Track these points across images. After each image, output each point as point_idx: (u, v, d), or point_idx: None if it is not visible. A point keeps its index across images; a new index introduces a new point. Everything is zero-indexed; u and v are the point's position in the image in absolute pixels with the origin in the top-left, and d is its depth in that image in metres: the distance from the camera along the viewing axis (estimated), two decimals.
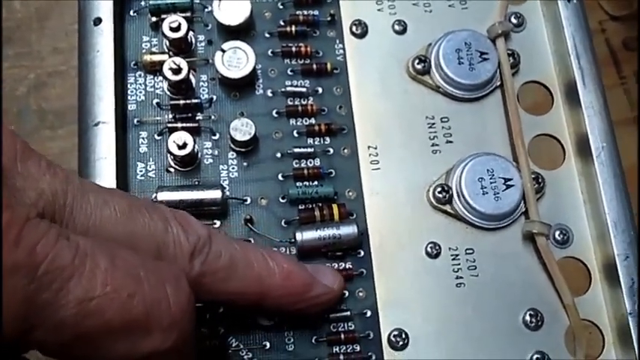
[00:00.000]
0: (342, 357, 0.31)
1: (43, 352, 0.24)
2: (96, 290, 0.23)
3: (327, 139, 0.34)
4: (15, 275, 0.21)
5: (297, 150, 0.33)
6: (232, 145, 0.33)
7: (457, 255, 0.32)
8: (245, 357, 0.31)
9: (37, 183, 0.24)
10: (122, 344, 0.24)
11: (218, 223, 0.32)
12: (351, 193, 0.33)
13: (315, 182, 0.33)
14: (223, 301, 0.29)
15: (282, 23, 0.35)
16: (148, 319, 0.24)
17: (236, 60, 0.33)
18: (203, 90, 0.34)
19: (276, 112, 0.34)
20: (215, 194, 0.31)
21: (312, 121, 0.34)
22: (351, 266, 0.32)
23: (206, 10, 0.35)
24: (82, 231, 0.24)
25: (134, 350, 0.24)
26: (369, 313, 0.32)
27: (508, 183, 0.33)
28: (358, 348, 0.31)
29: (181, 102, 0.33)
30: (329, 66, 0.35)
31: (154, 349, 0.24)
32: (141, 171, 0.33)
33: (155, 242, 0.26)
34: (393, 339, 0.31)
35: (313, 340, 0.31)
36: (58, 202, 0.24)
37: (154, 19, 0.34)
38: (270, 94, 0.34)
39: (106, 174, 0.31)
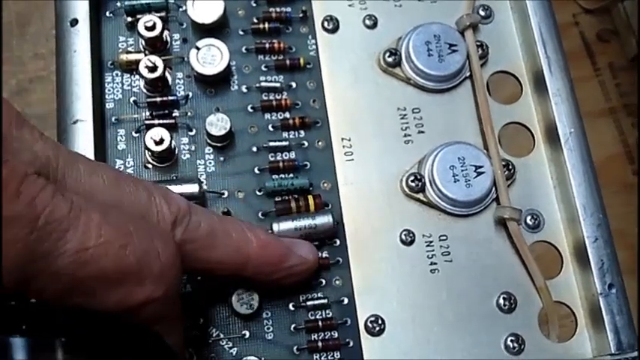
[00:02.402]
0: (320, 344, 0.31)
1: (42, 301, 0.25)
2: (91, 241, 0.24)
3: (302, 132, 0.35)
4: (16, 225, 0.22)
5: (272, 144, 0.34)
6: (209, 140, 0.34)
7: (431, 241, 0.33)
8: (225, 346, 0.31)
9: (32, 147, 0.25)
10: (116, 293, 0.25)
11: None
12: (326, 184, 0.34)
13: (291, 174, 0.34)
14: (205, 269, 0.30)
15: (255, 20, 0.36)
16: (139, 269, 0.25)
17: (210, 57, 0.34)
18: (179, 87, 0.35)
19: (251, 107, 0.35)
20: (193, 188, 0.32)
21: (287, 115, 0.35)
22: (327, 255, 0.33)
23: (180, 9, 0.35)
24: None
25: (127, 298, 0.25)
26: (345, 301, 0.32)
27: (479, 170, 0.33)
28: (336, 334, 0.32)
29: (158, 99, 0.34)
30: (302, 61, 0.35)
31: (146, 297, 0.26)
32: (119, 167, 0.33)
33: (139, 211, 0.27)
34: (370, 325, 0.32)
35: (292, 328, 0.32)
36: (51, 166, 0.25)
37: (129, 19, 0.35)
38: (244, 90, 0.35)
39: None
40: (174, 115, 0.34)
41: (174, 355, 0.28)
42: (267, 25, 0.36)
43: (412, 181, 0.34)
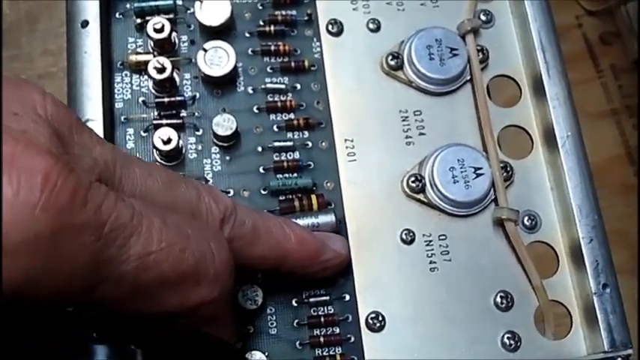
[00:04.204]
0: (322, 339, 0.32)
1: (105, 306, 0.26)
2: (153, 246, 0.25)
3: (306, 132, 0.35)
4: (85, 233, 0.23)
5: (277, 144, 0.35)
6: (215, 140, 0.35)
7: (430, 241, 0.34)
8: (230, 340, 0.32)
9: (91, 152, 0.26)
10: (175, 296, 0.26)
11: None
12: (329, 184, 0.35)
13: (295, 174, 0.35)
14: (248, 265, 0.30)
15: (261, 23, 0.37)
16: (197, 272, 0.26)
17: (217, 59, 0.35)
18: (186, 88, 0.35)
19: (257, 108, 0.35)
20: None
21: (291, 116, 0.36)
22: None
23: (188, 11, 0.36)
24: (130, 197, 0.26)
25: (185, 301, 0.26)
26: (347, 297, 0.33)
27: (478, 172, 0.34)
28: (337, 330, 0.33)
29: (166, 100, 0.35)
30: (307, 63, 0.36)
31: (202, 299, 0.27)
32: None
33: (191, 210, 0.28)
34: (371, 321, 0.33)
35: (295, 324, 0.33)
36: (110, 171, 0.26)
37: (138, 20, 0.36)
38: (250, 91, 0.36)
39: None
40: (181, 115, 0.35)
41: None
42: (272, 28, 0.36)
43: (413, 181, 0.34)
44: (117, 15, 0.36)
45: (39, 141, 0.23)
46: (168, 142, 0.33)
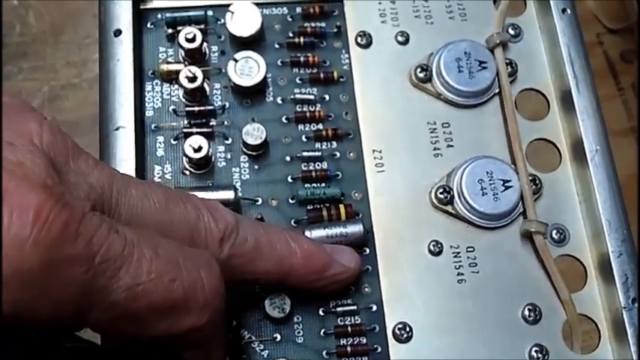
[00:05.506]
0: (349, 349, 0.32)
1: (94, 330, 0.26)
2: (142, 277, 0.25)
3: (334, 143, 0.36)
4: (75, 265, 0.23)
5: (305, 154, 0.35)
6: (244, 149, 0.35)
7: (458, 252, 0.34)
8: (257, 348, 0.32)
9: (87, 178, 0.26)
10: (163, 322, 0.26)
11: None
12: (357, 194, 0.35)
13: (323, 184, 0.35)
14: (250, 280, 0.31)
15: (291, 35, 0.37)
16: (186, 300, 0.26)
17: (248, 69, 0.35)
18: (217, 97, 0.36)
19: (286, 118, 0.36)
20: (228, 195, 0.33)
21: (320, 126, 0.36)
22: None
23: (219, 22, 0.37)
24: (126, 220, 0.26)
25: (174, 327, 0.27)
26: (374, 308, 0.33)
27: (507, 184, 0.34)
28: (364, 340, 0.33)
29: (196, 109, 0.35)
30: (335, 75, 0.36)
31: (192, 325, 0.27)
32: (158, 173, 0.34)
33: (189, 229, 0.28)
34: (398, 332, 0.33)
35: (322, 333, 0.33)
36: (106, 195, 0.26)
37: (169, 30, 0.36)
38: (279, 101, 0.36)
39: None
40: (211, 124, 0.35)
41: None
42: (302, 40, 0.37)
43: (441, 193, 0.34)
44: (149, 25, 0.37)
45: (34, 173, 0.24)
46: (199, 150, 0.33)
